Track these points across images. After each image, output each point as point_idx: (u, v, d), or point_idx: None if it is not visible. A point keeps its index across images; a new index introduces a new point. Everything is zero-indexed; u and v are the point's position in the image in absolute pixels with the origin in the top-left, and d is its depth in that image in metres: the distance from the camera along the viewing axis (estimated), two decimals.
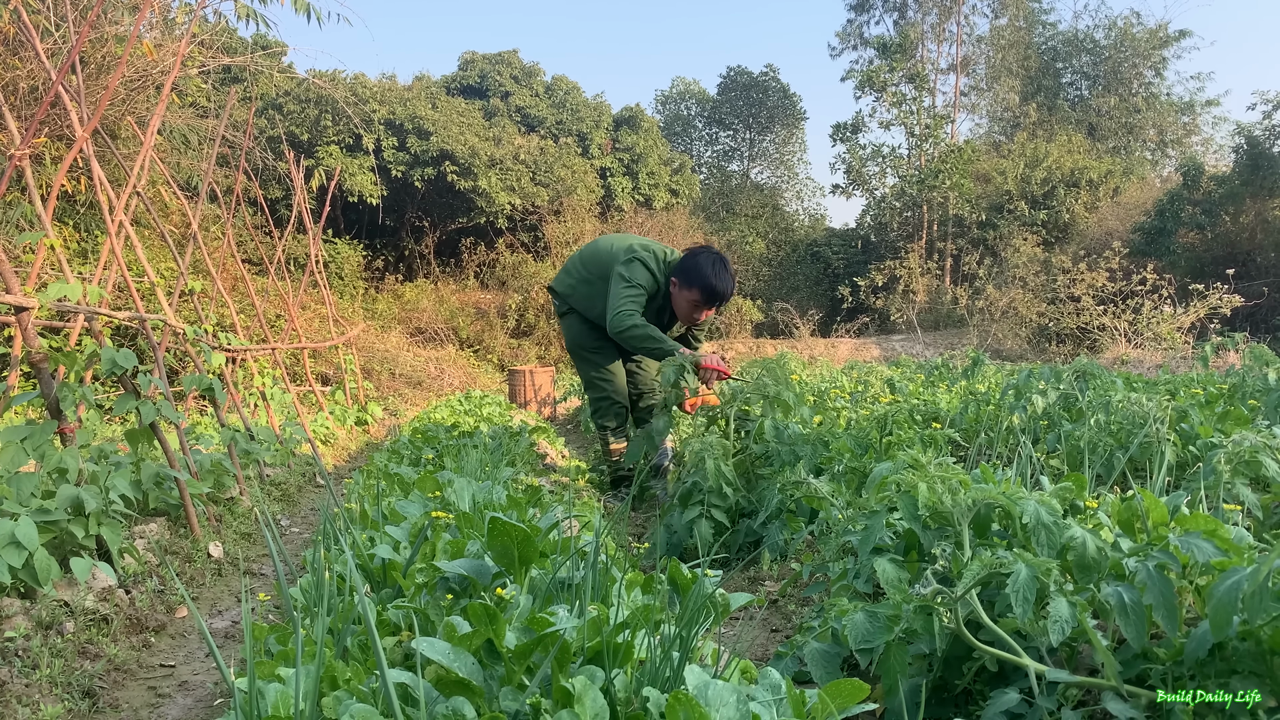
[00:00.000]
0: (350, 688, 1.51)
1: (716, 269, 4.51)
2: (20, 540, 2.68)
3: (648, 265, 4.65)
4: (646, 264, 4.65)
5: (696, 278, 4.53)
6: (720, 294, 4.54)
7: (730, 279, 4.55)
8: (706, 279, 4.50)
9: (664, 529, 3.79)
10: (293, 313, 9.74)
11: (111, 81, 4.18)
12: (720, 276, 4.51)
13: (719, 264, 4.54)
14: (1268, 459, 2.69)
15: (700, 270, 4.52)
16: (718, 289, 4.52)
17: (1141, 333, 17.63)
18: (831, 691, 1.45)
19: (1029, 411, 4.12)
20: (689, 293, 4.57)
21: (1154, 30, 30.51)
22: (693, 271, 4.55)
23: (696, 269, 4.54)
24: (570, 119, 24.97)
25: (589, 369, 5.08)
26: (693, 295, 4.56)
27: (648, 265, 4.65)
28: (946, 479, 2.11)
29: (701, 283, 4.51)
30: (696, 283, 4.53)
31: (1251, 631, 1.50)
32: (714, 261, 4.53)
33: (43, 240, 3.78)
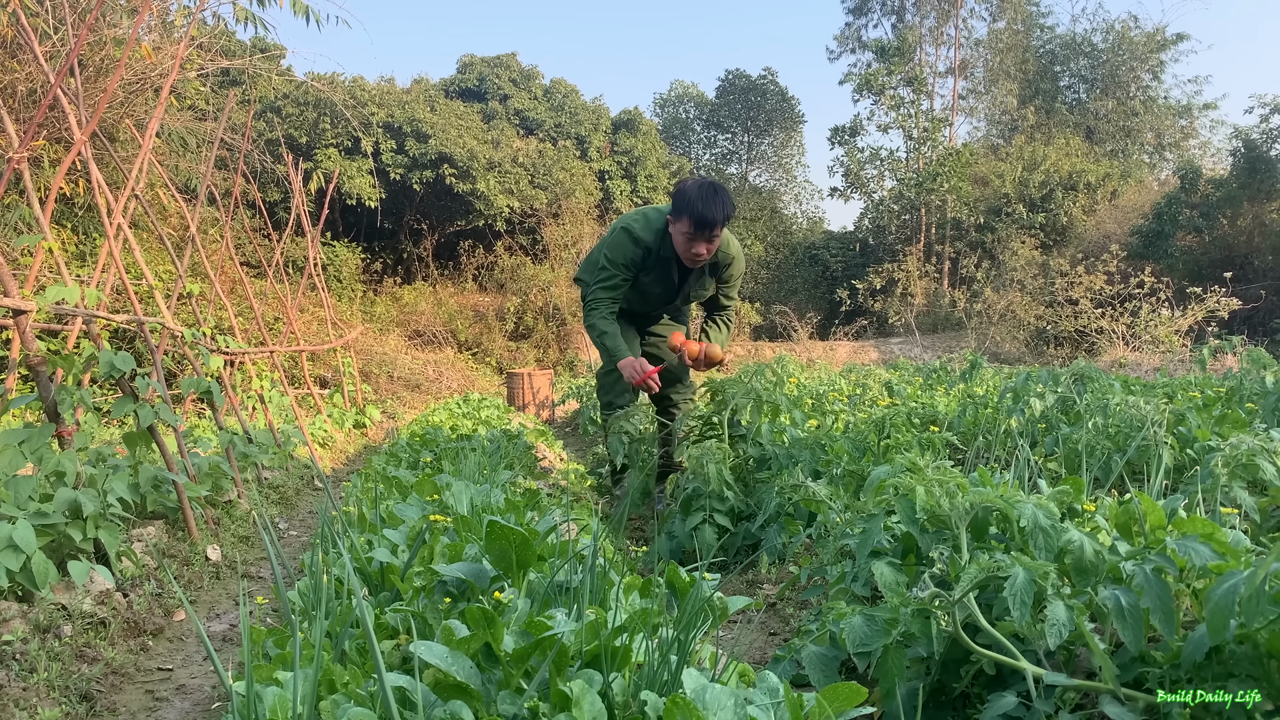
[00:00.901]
0: (348, 691, 1.51)
1: (704, 193, 4.07)
2: (18, 543, 2.68)
3: (633, 231, 4.31)
4: (632, 230, 4.31)
5: (683, 205, 4.10)
6: (708, 220, 4.06)
7: (722, 204, 4.07)
8: (693, 205, 4.05)
9: (665, 536, 3.78)
10: (291, 315, 9.74)
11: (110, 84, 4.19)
12: (709, 201, 4.06)
13: (708, 189, 4.09)
14: (1265, 462, 2.70)
15: (686, 197, 4.09)
16: (705, 215, 4.05)
17: (1139, 336, 17.65)
18: (829, 695, 1.45)
19: (1027, 414, 4.13)
20: (680, 224, 4.15)
21: (1151, 34, 30.56)
22: (679, 200, 4.13)
23: (683, 196, 4.11)
24: (569, 122, 24.99)
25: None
26: (683, 226, 4.14)
27: (633, 231, 4.31)
28: (944, 482, 2.12)
29: (688, 209, 4.07)
30: (684, 211, 4.09)
31: (1249, 635, 1.50)
32: (702, 186, 4.10)
33: (41, 243, 3.78)
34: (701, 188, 4.08)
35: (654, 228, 4.29)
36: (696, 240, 4.12)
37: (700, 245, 4.15)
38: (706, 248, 4.16)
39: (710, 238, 4.12)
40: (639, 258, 4.31)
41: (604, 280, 4.38)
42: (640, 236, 4.28)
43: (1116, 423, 3.60)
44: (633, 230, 4.30)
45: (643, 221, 4.32)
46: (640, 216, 4.36)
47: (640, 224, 4.32)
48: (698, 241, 4.13)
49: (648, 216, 4.34)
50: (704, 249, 4.16)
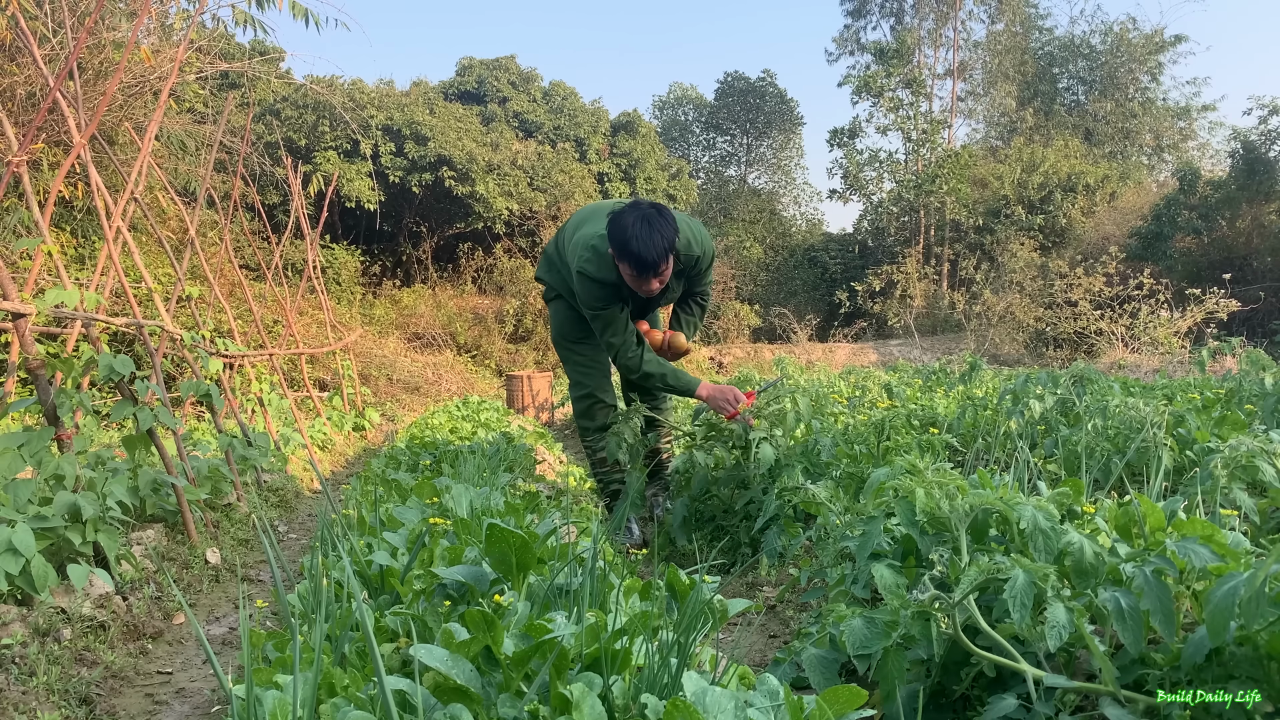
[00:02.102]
0: (348, 695, 1.51)
1: (639, 231, 3.58)
2: (17, 547, 2.68)
3: (590, 276, 3.88)
4: (588, 274, 3.88)
5: (620, 249, 3.66)
6: (648, 262, 3.60)
7: (661, 236, 3.59)
8: (628, 248, 3.60)
9: (664, 535, 3.78)
10: (290, 318, 9.74)
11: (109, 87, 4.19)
12: (644, 240, 3.56)
13: (640, 224, 3.60)
14: (1265, 464, 2.70)
15: (621, 237, 3.62)
16: (645, 257, 3.58)
17: (1139, 337, 17.65)
18: (829, 698, 1.45)
19: (1026, 416, 4.13)
20: (622, 266, 3.72)
21: (1150, 35, 30.58)
22: (615, 242, 3.68)
23: (618, 236, 3.65)
24: (568, 124, 25.00)
25: (572, 363, 4.43)
26: (626, 269, 3.71)
27: (590, 276, 3.88)
28: (944, 484, 2.12)
29: (625, 255, 3.64)
30: (622, 256, 3.67)
31: (1249, 637, 1.50)
32: (635, 221, 3.61)
33: (40, 246, 3.78)
34: (635, 223, 3.60)
35: (606, 262, 3.87)
36: (643, 280, 3.74)
37: (651, 283, 3.76)
38: (658, 282, 3.77)
39: (659, 274, 3.71)
40: (613, 290, 3.93)
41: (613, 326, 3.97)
42: (599, 279, 3.88)
43: (1116, 424, 3.60)
44: (589, 274, 3.89)
45: (595, 261, 3.89)
46: (590, 255, 3.90)
47: (593, 264, 3.89)
48: (645, 281, 3.74)
49: (597, 252, 3.88)
50: (655, 284, 3.77)
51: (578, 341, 4.38)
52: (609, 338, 3.97)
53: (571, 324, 4.35)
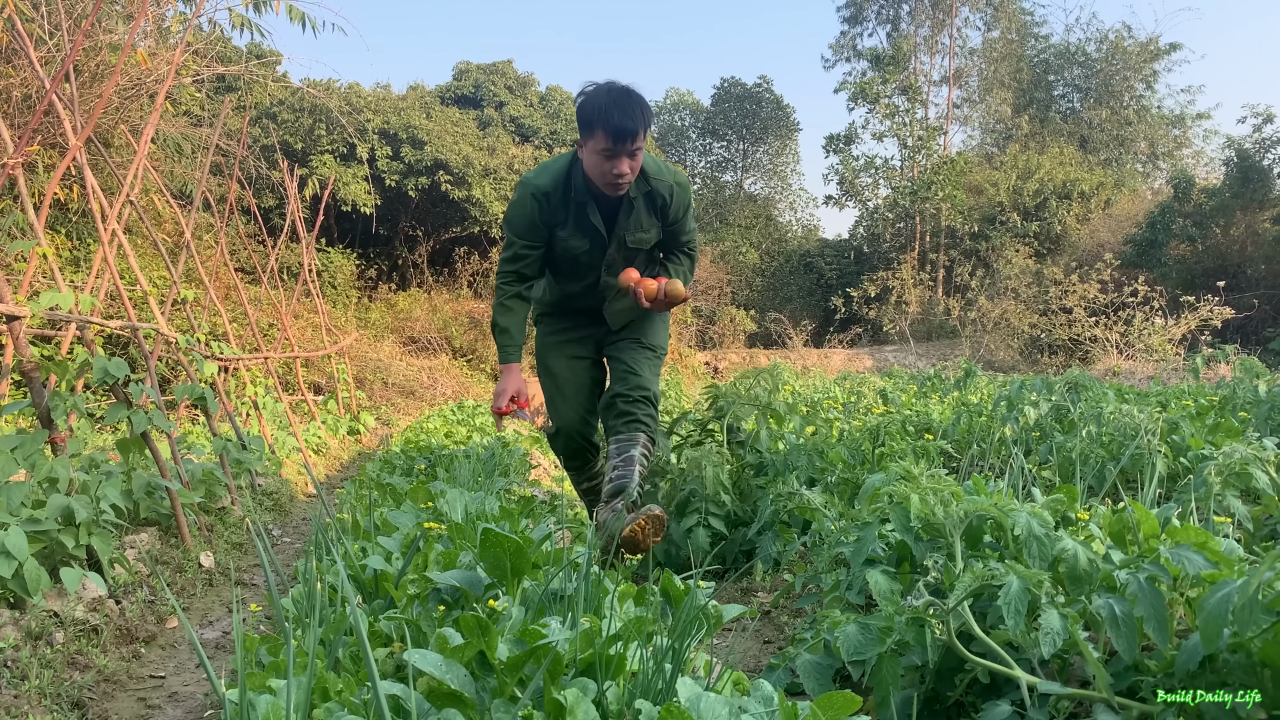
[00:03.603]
0: (342, 699, 1.51)
1: (616, 97, 3.27)
2: (10, 550, 2.67)
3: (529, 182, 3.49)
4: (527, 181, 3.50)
5: (592, 116, 3.27)
6: (627, 129, 3.24)
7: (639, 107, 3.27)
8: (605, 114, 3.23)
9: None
10: (285, 322, 9.73)
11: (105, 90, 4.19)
12: (623, 106, 3.24)
13: (619, 92, 3.29)
14: (1258, 471, 2.70)
15: (594, 105, 3.27)
16: (623, 124, 3.22)
17: (1133, 344, 17.69)
18: (824, 704, 1.45)
19: (1021, 423, 4.14)
20: (592, 141, 3.30)
21: (1145, 43, 30.69)
22: (586, 111, 3.31)
23: (590, 106, 3.29)
24: (565, 129, 25.01)
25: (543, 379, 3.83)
26: (597, 143, 3.28)
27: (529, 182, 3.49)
28: (939, 491, 2.12)
29: (600, 120, 3.24)
30: (595, 123, 3.25)
31: (1242, 644, 1.50)
32: (611, 90, 3.30)
33: (35, 248, 3.78)
34: (611, 91, 3.28)
35: (553, 170, 3.48)
36: (615, 157, 3.29)
37: (620, 162, 3.30)
38: (630, 165, 3.33)
39: (632, 150, 3.30)
40: (543, 211, 3.47)
41: (505, 256, 3.57)
42: (538, 185, 3.45)
43: (1110, 431, 3.61)
44: (527, 182, 3.49)
45: (539, 169, 3.53)
46: (536, 169, 3.55)
47: (535, 171, 3.52)
48: (617, 158, 3.29)
49: (545, 163, 3.54)
50: (625, 166, 3.32)
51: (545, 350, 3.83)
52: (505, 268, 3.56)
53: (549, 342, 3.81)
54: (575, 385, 3.71)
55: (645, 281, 3.47)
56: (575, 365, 3.73)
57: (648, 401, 3.53)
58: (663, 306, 3.53)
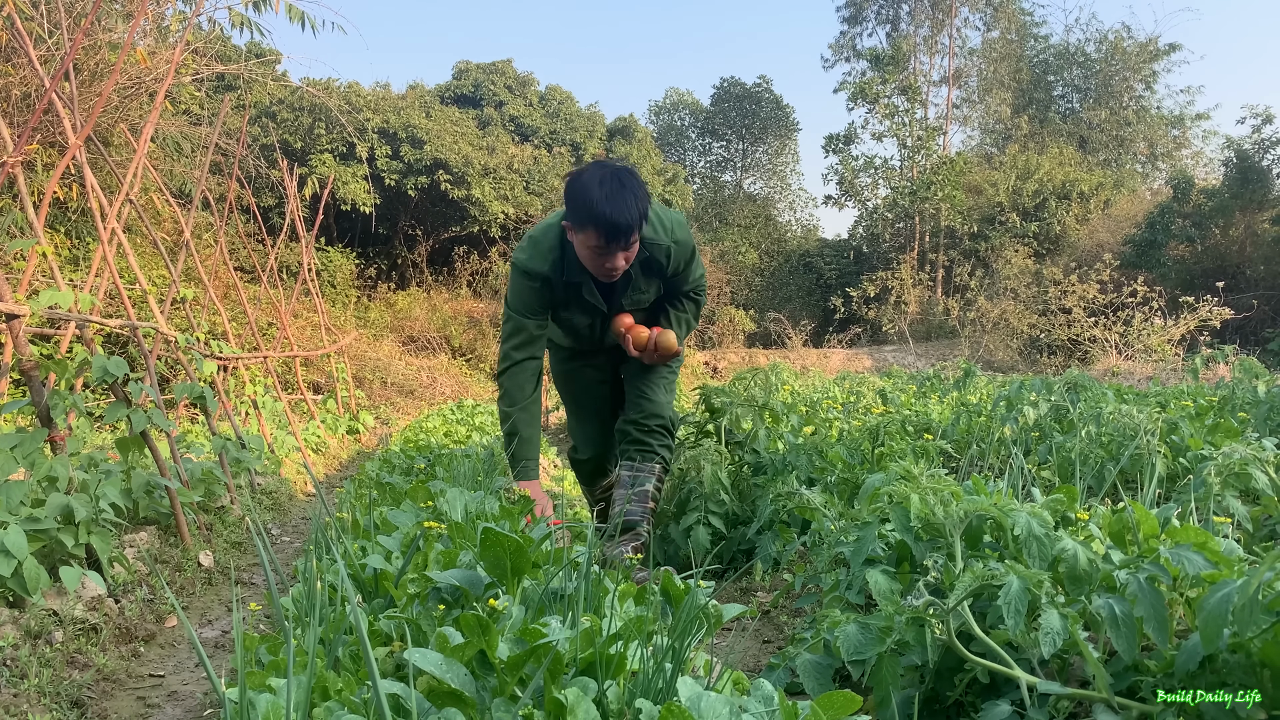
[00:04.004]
0: (342, 698, 1.51)
1: (609, 189, 2.94)
2: (9, 549, 2.67)
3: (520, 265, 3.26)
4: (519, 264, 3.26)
5: (583, 211, 2.98)
6: (620, 226, 2.95)
7: (634, 198, 2.97)
8: (596, 209, 2.94)
9: (657, 540, 3.78)
10: (285, 321, 9.73)
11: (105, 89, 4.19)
12: (616, 199, 2.93)
13: (611, 182, 2.96)
14: (1257, 471, 2.71)
15: (585, 198, 2.96)
16: (616, 220, 2.93)
17: (1132, 345, 17.70)
18: (824, 703, 1.45)
19: (1020, 423, 4.14)
20: (584, 236, 3.04)
21: (1144, 44, 30.71)
22: (575, 203, 3.01)
23: (580, 197, 2.99)
24: (564, 129, 25.03)
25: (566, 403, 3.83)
26: (588, 239, 3.02)
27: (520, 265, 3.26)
28: (939, 490, 2.12)
29: (590, 216, 2.96)
30: (585, 219, 2.98)
31: (1242, 644, 1.51)
32: (603, 179, 2.97)
33: (34, 247, 3.78)
34: (603, 182, 2.97)
35: (544, 251, 3.23)
36: (610, 253, 3.05)
37: (616, 258, 3.07)
38: (625, 256, 3.09)
39: (627, 245, 3.05)
40: (541, 294, 3.27)
41: (513, 339, 3.33)
42: (531, 269, 3.22)
43: (1110, 431, 3.61)
44: (519, 264, 3.26)
45: (529, 249, 3.25)
46: (527, 243, 3.29)
47: (527, 251, 3.25)
48: (610, 255, 3.06)
49: (534, 240, 3.27)
50: (620, 260, 3.08)
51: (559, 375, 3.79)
52: (508, 348, 3.34)
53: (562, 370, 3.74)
54: (597, 411, 3.70)
55: (636, 330, 3.36)
56: (595, 391, 3.67)
57: (664, 431, 3.50)
58: (651, 358, 3.39)
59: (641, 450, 3.45)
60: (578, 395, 3.67)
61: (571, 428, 3.81)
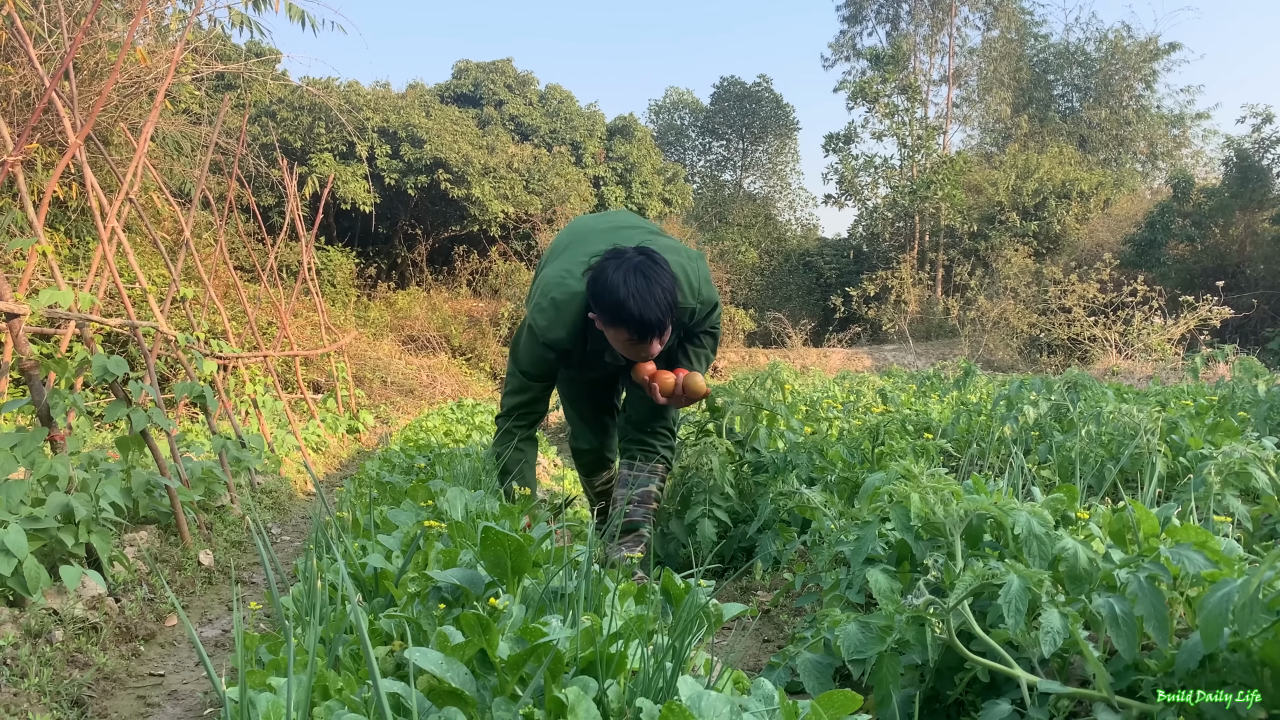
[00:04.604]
0: (342, 697, 1.51)
1: (634, 287, 2.80)
2: (10, 548, 2.67)
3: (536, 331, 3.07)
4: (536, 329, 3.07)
5: (611, 311, 2.87)
6: (650, 324, 2.83)
7: (661, 291, 2.84)
8: (623, 309, 2.82)
9: (659, 536, 3.77)
10: (285, 320, 9.72)
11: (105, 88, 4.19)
12: (643, 297, 2.80)
13: (635, 279, 2.82)
14: (1257, 470, 2.71)
15: (612, 298, 2.83)
16: (645, 318, 2.82)
17: (1132, 344, 17.69)
18: (824, 702, 1.45)
19: (1020, 422, 4.14)
20: (614, 332, 2.93)
21: (1144, 43, 30.69)
22: (602, 302, 2.88)
23: (605, 296, 2.85)
24: (564, 128, 25.02)
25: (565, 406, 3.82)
26: (619, 334, 2.92)
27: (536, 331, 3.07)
28: (939, 490, 2.12)
29: (619, 317, 2.85)
30: (615, 319, 2.87)
31: (1242, 643, 1.51)
32: (627, 275, 2.82)
33: (34, 246, 3.77)
34: (628, 280, 2.81)
35: (566, 320, 3.02)
36: (643, 345, 2.93)
37: (651, 347, 2.95)
38: (659, 343, 2.96)
39: (661, 334, 2.93)
40: (556, 362, 3.14)
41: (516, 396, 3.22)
42: (551, 338, 3.05)
43: (1110, 431, 3.61)
44: (538, 330, 3.06)
45: (551, 314, 3.03)
46: (548, 306, 3.05)
47: (547, 317, 3.03)
48: (645, 345, 2.93)
49: (557, 306, 3.03)
50: (656, 348, 2.97)
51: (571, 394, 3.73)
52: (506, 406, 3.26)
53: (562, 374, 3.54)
54: (597, 412, 3.70)
55: (661, 375, 3.19)
56: (595, 392, 3.65)
57: (667, 432, 3.52)
58: (680, 403, 3.26)
59: (644, 450, 3.45)
60: (579, 396, 3.69)
61: (572, 420, 3.80)
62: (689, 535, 3.61)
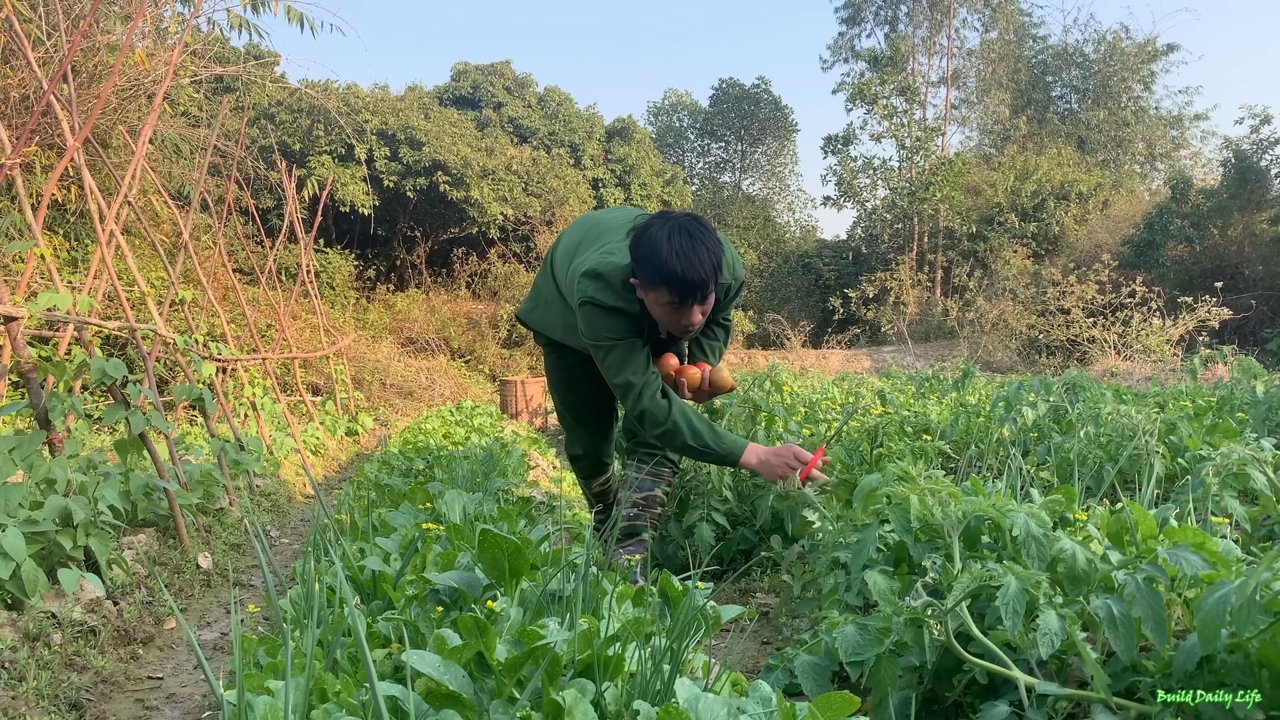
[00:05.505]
0: (340, 700, 1.51)
1: (680, 246, 2.78)
2: (8, 551, 2.67)
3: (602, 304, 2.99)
4: (601, 303, 2.99)
5: (654, 271, 2.81)
6: (695, 283, 2.79)
7: (707, 252, 2.81)
8: (667, 268, 2.77)
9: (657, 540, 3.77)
10: (284, 322, 9.72)
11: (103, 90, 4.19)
12: (688, 256, 2.77)
13: (681, 238, 2.80)
14: (1255, 471, 2.71)
15: (656, 258, 2.79)
16: (689, 278, 2.77)
17: (1131, 345, 17.71)
18: (822, 704, 1.45)
19: (1019, 423, 4.14)
20: (655, 294, 2.87)
21: (1142, 44, 30.73)
22: (646, 264, 2.83)
23: (650, 258, 2.81)
24: (563, 130, 25.03)
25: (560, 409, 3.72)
26: (661, 296, 2.86)
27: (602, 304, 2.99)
28: (937, 491, 2.12)
29: (663, 277, 2.80)
30: (658, 279, 2.82)
31: (1240, 644, 1.51)
32: (671, 234, 2.80)
33: (33, 249, 3.77)
34: (672, 237, 2.80)
35: (616, 288, 2.99)
36: (684, 309, 2.89)
37: (693, 312, 2.91)
38: (702, 310, 2.93)
39: (704, 300, 2.89)
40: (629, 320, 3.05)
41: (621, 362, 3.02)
42: (613, 306, 3.00)
43: (1108, 432, 3.61)
44: (599, 303, 3.01)
45: (603, 287, 3.00)
46: (595, 284, 3.00)
47: (603, 292, 3.00)
48: (686, 310, 2.89)
49: (601, 277, 3.00)
50: (698, 315, 2.93)
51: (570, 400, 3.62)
52: (627, 376, 3.02)
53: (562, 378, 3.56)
54: (594, 414, 3.61)
55: (687, 370, 3.18)
56: (592, 393, 3.54)
57: None
58: (706, 398, 3.24)
59: (651, 454, 3.41)
60: (577, 398, 3.57)
61: (569, 425, 3.72)
62: (687, 538, 3.61)
